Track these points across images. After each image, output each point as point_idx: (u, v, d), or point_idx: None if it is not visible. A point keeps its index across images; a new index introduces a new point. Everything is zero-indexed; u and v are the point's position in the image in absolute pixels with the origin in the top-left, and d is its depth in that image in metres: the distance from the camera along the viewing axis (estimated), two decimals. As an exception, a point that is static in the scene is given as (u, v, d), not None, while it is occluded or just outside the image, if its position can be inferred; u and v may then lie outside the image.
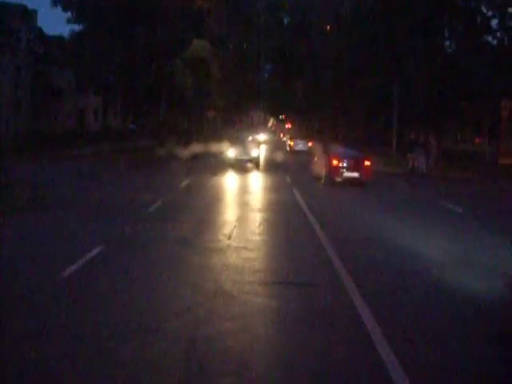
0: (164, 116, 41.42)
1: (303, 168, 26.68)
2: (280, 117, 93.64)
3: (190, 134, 44.46)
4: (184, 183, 19.65)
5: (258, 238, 10.50)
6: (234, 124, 72.19)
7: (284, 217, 13.25)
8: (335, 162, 19.99)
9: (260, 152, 29.07)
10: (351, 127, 50.14)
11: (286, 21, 60.38)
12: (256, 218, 12.75)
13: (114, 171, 24.49)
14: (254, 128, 68.27)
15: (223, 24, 48.40)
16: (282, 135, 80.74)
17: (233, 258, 8.62)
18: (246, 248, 9.39)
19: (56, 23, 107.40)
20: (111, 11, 35.51)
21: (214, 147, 32.38)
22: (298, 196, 17.18)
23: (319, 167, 21.56)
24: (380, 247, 9.89)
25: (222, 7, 47.50)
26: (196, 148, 33.37)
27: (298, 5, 56.26)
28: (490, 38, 33.42)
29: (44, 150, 32.09)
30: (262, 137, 56.62)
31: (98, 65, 38.43)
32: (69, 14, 36.94)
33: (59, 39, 48.91)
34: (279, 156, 36.51)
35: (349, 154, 20.78)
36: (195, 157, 31.19)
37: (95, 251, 8.74)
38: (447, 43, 35.44)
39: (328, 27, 48.81)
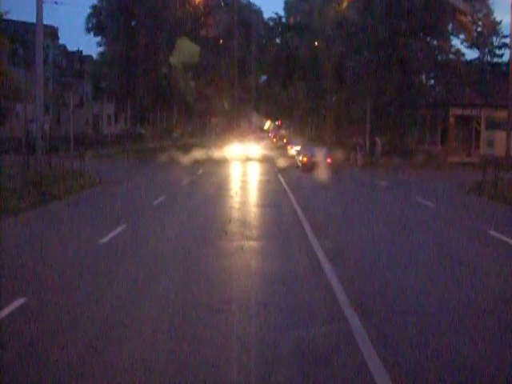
0: (167, 123, 48.50)
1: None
2: (276, 122, 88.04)
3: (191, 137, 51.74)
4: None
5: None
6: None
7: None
8: None
9: None
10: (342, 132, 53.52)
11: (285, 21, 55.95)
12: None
13: (139, 164, 32.22)
14: (250, 134, 55.91)
15: (220, 26, 48.21)
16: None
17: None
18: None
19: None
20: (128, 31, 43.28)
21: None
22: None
23: None
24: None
25: (219, 10, 48.64)
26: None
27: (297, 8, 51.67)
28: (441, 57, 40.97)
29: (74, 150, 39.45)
30: (254, 150, 39.33)
31: (115, 77, 46.30)
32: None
33: (79, 54, 57.24)
34: None
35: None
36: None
37: (161, 199, 16.37)
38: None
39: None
